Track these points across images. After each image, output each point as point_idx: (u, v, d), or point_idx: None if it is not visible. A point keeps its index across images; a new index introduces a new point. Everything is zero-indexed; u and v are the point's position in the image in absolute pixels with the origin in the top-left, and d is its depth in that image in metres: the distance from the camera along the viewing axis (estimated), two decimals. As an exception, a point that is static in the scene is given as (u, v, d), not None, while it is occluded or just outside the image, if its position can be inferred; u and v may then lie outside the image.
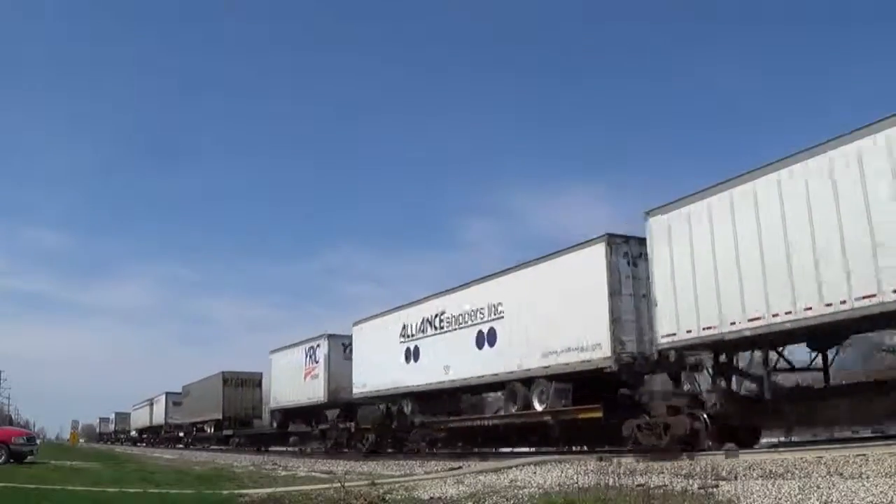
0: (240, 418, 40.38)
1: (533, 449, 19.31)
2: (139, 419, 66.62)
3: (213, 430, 43.13)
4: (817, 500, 7.03)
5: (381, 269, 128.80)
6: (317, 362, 29.28)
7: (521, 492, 9.62)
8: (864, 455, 9.29)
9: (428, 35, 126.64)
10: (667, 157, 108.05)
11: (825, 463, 9.30)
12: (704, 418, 13.05)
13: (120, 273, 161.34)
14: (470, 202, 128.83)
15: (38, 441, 25.47)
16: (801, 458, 9.89)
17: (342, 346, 28.23)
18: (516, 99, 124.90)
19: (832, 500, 6.94)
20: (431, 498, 9.99)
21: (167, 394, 55.23)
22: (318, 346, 29.34)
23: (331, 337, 28.84)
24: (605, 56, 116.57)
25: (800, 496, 7.24)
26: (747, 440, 13.68)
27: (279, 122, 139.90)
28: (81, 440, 74.36)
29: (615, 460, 12.58)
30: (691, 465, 10.83)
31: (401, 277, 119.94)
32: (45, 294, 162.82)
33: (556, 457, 14.47)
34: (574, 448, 17.61)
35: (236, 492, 11.62)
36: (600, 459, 12.78)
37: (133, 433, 70.71)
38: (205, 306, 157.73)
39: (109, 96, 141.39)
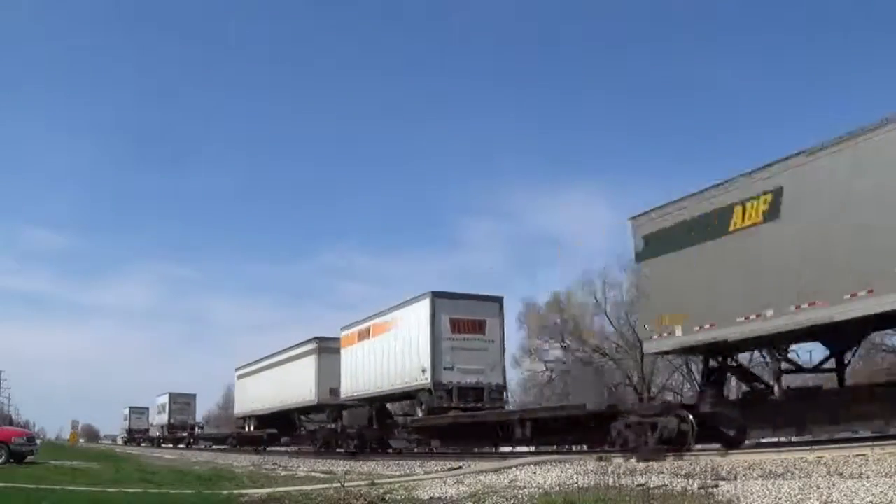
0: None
1: (533, 449, 19.40)
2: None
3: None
4: (817, 500, 7.03)
5: (381, 268, 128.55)
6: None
7: (521, 492, 9.62)
8: (864, 455, 9.30)
9: (428, 35, 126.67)
10: (667, 157, 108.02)
11: (825, 463, 9.30)
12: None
13: (120, 273, 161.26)
14: (470, 202, 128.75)
15: (38, 441, 25.48)
16: (801, 458, 9.89)
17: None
18: (516, 99, 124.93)
19: (832, 500, 6.94)
20: (431, 498, 9.99)
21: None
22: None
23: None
24: (605, 56, 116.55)
25: (800, 496, 7.23)
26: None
27: (279, 121, 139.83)
28: (81, 440, 74.47)
29: (615, 460, 12.60)
30: (691, 465, 10.83)
31: (401, 277, 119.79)
32: (45, 294, 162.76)
33: (556, 457, 14.47)
34: (574, 448, 17.83)
35: (236, 492, 11.63)
36: (600, 459, 12.79)
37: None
38: (205, 306, 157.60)
39: (109, 96, 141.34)
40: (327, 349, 30.05)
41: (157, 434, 63.91)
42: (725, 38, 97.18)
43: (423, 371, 21.96)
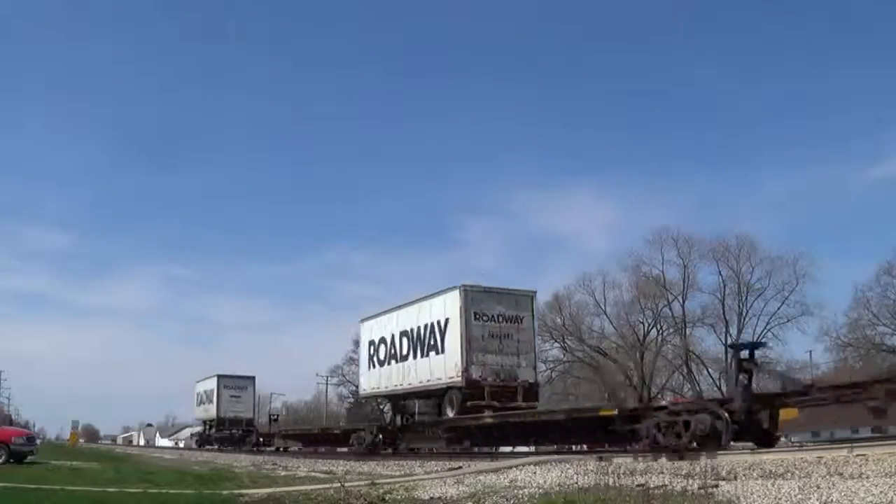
0: None
1: (533, 449, 19.33)
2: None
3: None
4: (817, 500, 7.03)
5: (381, 268, 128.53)
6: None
7: (521, 492, 9.62)
8: (864, 455, 9.28)
9: (428, 35, 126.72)
10: (667, 157, 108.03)
11: (825, 463, 9.29)
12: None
13: (120, 273, 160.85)
14: (470, 202, 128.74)
15: (38, 441, 25.47)
16: (801, 458, 9.87)
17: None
18: (517, 99, 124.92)
19: (832, 500, 6.94)
20: (431, 498, 10.00)
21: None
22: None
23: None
24: (605, 56, 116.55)
25: (800, 496, 7.24)
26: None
27: (279, 121, 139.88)
28: (81, 440, 74.36)
29: (615, 460, 12.58)
30: (691, 465, 10.82)
31: (401, 277, 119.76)
32: (45, 294, 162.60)
33: (556, 457, 14.46)
34: (574, 448, 17.67)
35: (236, 492, 11.63)
36: (600, 459, 12.75)
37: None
38: (205, 306, 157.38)
39: (109, 96, 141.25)
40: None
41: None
42: (725, 38, 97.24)
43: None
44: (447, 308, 21.33)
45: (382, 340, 24.97)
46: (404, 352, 23.45)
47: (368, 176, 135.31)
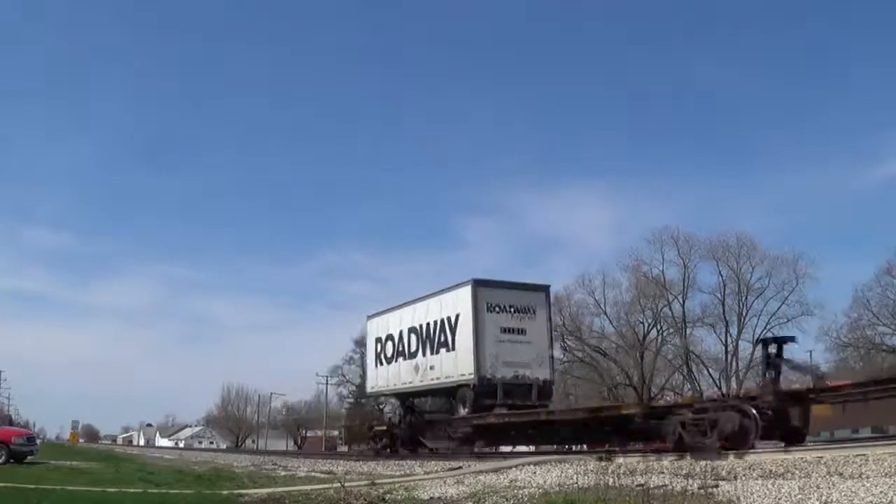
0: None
1: (533, 448, 19.17)
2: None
3: None
4: (817, 500, 7.03)
5: (381, 268, 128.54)
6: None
7: (521, 492, 9.62)
8: (864, 455, 9.28)
9: (428, 35, 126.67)
10: (667, 157, 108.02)
11: (825, 463, 9.29)
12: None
13: (120, 273, 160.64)
14: (470, 202, 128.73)
15: (38, 441, 25.48)
16: (801, 458, 9.88)
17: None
18: (517, 99, 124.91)
19: (832, 500, 6.94)
20: (431, 498, 9.99)
21: None
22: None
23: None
24: (605, 56, 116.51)
25: (800, 496, 7.23)
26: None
27: (279, 121, 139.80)
28: (81, 440, 74.35)
29: (616, 460, 12.58)
30: (691, 465, 10.82)
31: (401, 277, 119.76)
32: (45, 294, 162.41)
33: (556, 457, 14.46)
34: (574, 448, 17.43)
35: (236, 492, 11.63)
36: (600, 459, 12.74)
37: None
38: (205, 306, 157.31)
39: (109, 96, 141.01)
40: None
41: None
42: (725, 39, 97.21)
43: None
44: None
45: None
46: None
47: (368, 176, 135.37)
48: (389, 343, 24.18)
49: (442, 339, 21.06)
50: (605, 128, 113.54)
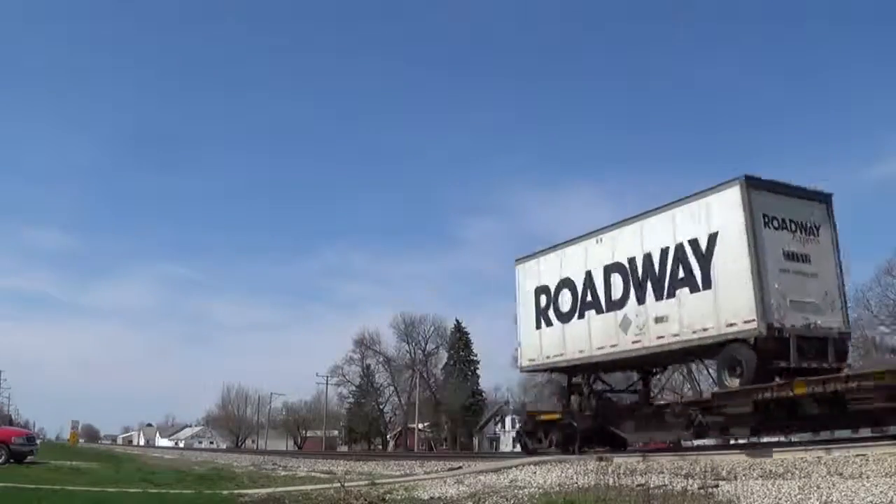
0: None
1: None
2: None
3: None
4: (817, 500, 7.03)
5: (382, 268, 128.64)
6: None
7: (521, 492, 9.62)
8: (864, 455, 9.29)
9: (428, 35, 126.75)
10: (667, 156, 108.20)
11: (825, 463, 9.30)
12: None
13: (120, 273, 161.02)
14: (470, 202, 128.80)
15: (38, 441, 25.46)
16: (801, 458, 9.88)
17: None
18: (517, 98, 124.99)
19: (832, 500, 6.94)
20: (431, 498, 9.99)
21: None
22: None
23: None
24: (605, 56, 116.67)
25: (800, 496, 7.24)
26: None
27: (279, 121, 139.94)
28: (81, 440, 74.25)
29: (615, 460, 12.58)
30: (691, 465, 10.82)
31: (401, 276, 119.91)
32: (45, 294, 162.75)
33: (556, 457, 14.46)
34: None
35: (236, 492, 11.62)
36: (600, 459, 12.74)
37: None
38: (205, 306, 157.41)
39: (109, 95, 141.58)
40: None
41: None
42: (725, 39, 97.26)
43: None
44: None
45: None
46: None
47: (368, 176, 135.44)
48: (565, 292, 17.55)
49: (681, 274, 14.68)
50: (606, 127, 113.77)
